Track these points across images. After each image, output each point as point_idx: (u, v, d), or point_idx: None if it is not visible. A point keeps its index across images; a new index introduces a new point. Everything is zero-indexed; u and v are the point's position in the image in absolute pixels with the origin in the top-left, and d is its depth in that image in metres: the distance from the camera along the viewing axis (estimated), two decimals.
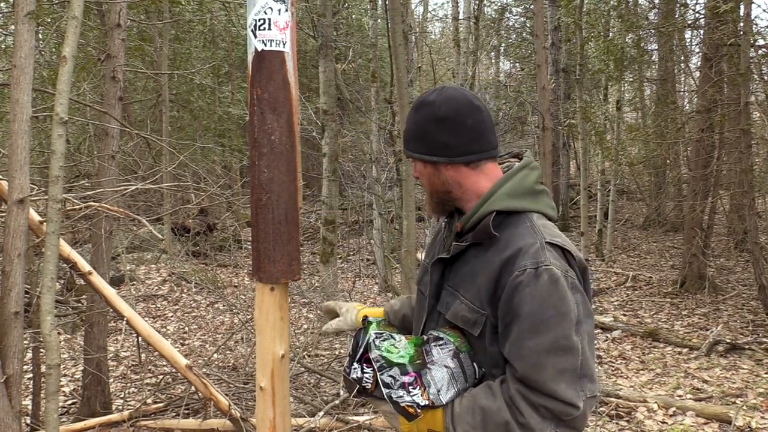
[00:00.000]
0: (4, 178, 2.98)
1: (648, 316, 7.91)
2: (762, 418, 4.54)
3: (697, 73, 10.20)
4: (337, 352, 6.15)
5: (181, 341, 7.16)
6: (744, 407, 4.70)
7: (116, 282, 8.97)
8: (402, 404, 1.42)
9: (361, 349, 1.51)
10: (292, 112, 1.87)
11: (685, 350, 6.43)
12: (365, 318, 1.60)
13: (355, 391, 1.49)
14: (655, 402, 4.83)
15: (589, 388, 1.42)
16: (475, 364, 1.50)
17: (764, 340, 6.46)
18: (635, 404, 4.80)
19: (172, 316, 8.34)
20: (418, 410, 1.43)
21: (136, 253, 11.37)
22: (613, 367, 6.10)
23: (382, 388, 1.43)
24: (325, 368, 5.39)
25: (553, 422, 1.41)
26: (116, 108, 4.36)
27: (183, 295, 9.43)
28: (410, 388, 1.42)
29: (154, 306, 8.81)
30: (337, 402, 4.36)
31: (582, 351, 1.40)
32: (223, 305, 8.55)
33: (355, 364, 1.50)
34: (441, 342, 1.49)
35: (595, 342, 6.93)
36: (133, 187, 3.85)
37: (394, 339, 1.51)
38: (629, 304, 8.65)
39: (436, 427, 1.47)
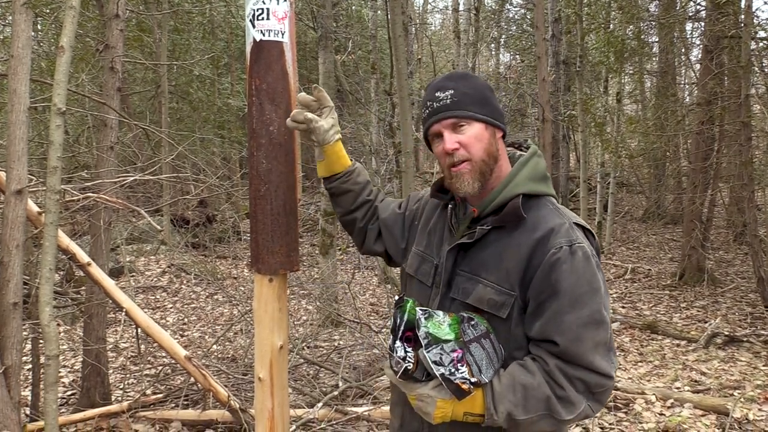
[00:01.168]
0: (2, 169, 2.97)
1: (647, 309, 7.92)
2: (759, 409, 4.55)
3: (698, 66, 10.17)
4: (336, 344, 6.16)
5: (181, 332, 7.17)
6: (742, 399, 4.71)
7: (116, 273, 8.98)
8: (455, 381, 1.38)
9: (402, 327, 1.44)
10: (290, 103, 1.86)
11: (683, 342, 6.44)
12: (402, 296, 1.54)
13: (401, 372, 1.42)
14: (653, 394, 4.84)
15: (615, 363, 1.48)
16: (501, 346, 1.50)
17: (762, 332, 6.47)
18: (633, 396, 4.81)
19: (171, 308, 8.35)
20: (471, 387, 1.40)
21: (135, 245, 11.37)
22: None
23: (432, 366, 1.38)
24: (324, 359, 5.40)
25: (585, 395, 1.44)
26: (115, 99, 4.34)
27: (182, 286, 9.43)
28: (458, 365, 1.39)
29: (153, 297, 8.81)
30: (336, 393, 4.37)
31: (610, 326, 1.47)
32: (223, 296, 8.56)
33: (398, 342, 1.44)
34: (473, 322, 1.47)
35: None
36: (132, 178, 3.84)
37: (438, 316, 1.47)
38: (628, 296, 8.66)
39: (475, 409, 1.44)
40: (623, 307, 8.04)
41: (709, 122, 8.62)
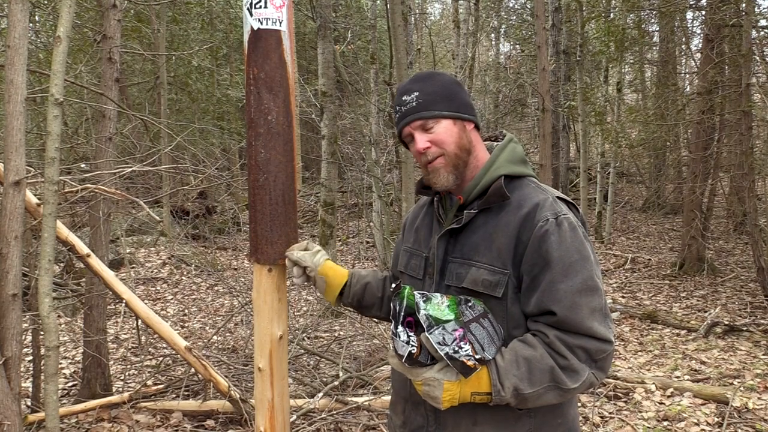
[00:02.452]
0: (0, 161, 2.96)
1: (647, 298, 7.93)
2: (759, 398, 4.56)
3: (699, 55, 10.13)
4: (336, 334, 6.17)
5: (181, 324, 7.19)
6: (741, 388, 4.72)
7: (116, 265, 8.98)
8: (460, 358, 1.39)
9: (403, 313, 1.46)
10: (289, 92, 1.85)
11: (683, 332, 6.45)
12: (398, 284, 1.54)
13: (406, 356, 1.43)
14: (653, 383, 4.85)
15: (612, 327, 1.49)
16: (499, 325, 1.52)
17: (762, 321, 6.48)
18: (633, 385, 4.82)
19: (171, 299, 8.36)
20: (476, 363, 1.41)
21: (135, 236, 11.38)
22: None
23: (436, 347, 1.38)
24: (325, 350, 5.41)
25: (587, 363, 1.45)
26: (113, 89, 4.32)
27: (183, 277, 9.44)
28: (461, 343, 1.40)
29: (153, 289, 8.82)
30: (336, 383, 4.38)
31: (603, 292, 1.49)
32: (223, 288, 8.57)
33: (400, 328, 1.45)
34: (470, 304, 1.48)
35: None
36: (131, 169, 3.83)
37: (436, 297, 1.48)
38: (628, 286, 8.67)
39: (482, 388, 1.45)
40: (623, 297, 8.05)
41: (709, 111, 8.59)
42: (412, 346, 1.43)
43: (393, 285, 1.55)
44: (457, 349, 1.39)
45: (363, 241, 11.88)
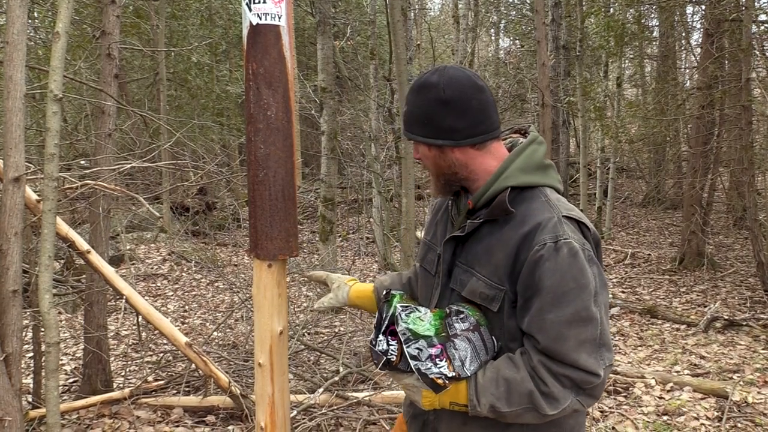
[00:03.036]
0: None
1: (646, 293, 7.93)
2: (758, 393, 4.57)
3: (698, 50, 10.11)
4: (336, 330, 6.18)
5: (182, 320, 7.19)
6: (741, 382, 4.73)
7: (116, 261, 8.98)
8: (430, 375, 1.42)
9: (386, 322, 1.50)
10: (288, 87, 1.84)
11: (683, 327, 6.46)
12: (388, 291, 1.59)
13: (381, 364, 1.48)
14: (653, 377, 4.86)
15: (608, 357, 1.45)
16: (493, 337, 1.52)
17: (762, 316, 6.49)
18: (633, 380, 4.83)
19: (172, 295, 8.37)
20: (447, 381, 1.43)
21: (135, 233, 11.38)
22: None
23: (409, 360, 1.43)
24: (325, 345, 5.42)
25: (573, 391, 1.43)
26: (112, 85, 4.32)
27: (183, 274, 9.45)
28: (437, 360, 1.42)
29: (154, 285, 8.83)
30: (336, 379, 4.38)
31: (600, 321, 1.43)
32: (223, 284, 8.58)
33: (381, 337, 1.49)
34: (462, 315, 1.49)
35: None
36: (130, 165, 3.83)
37: (420, 311, 1.51)
38: (628, 281, 8.68)
39: (459, 400, 1.48)
40: (623, 292, 8.06)
41: (709, 106, 8.59)
42: (392, 354, 1.47)
43: (385, 292, 1.59)
44: (430, 365, 1.42)
45: (363, 237, 11.89)
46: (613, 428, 4.10)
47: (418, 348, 1.43)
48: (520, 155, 1.55)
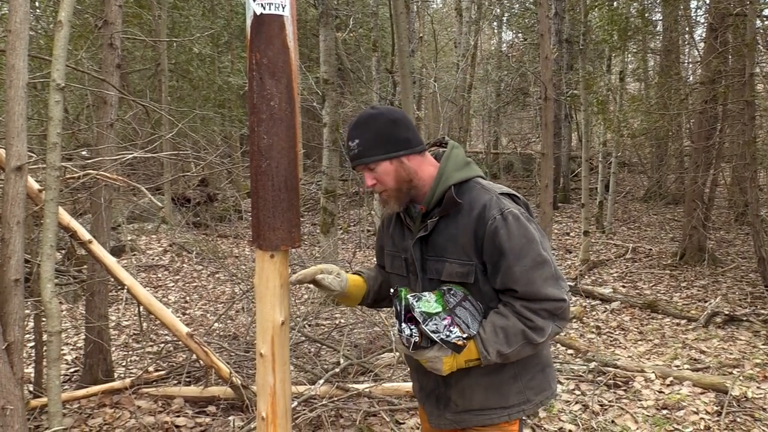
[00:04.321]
0: (1, 147, 2.95)
1: (647, 288, 7.94)
2: (758, 388, 4.58)
3: (702, 44, 10.07)
4: (337, 322, 6.19)
5: (183, 311, 7.20)
6: (740, 377, 4.74)
7: (117, 252, 8.99)
8: (451, 340, 1.77)
9: (403, 312, 1.82)
10: (291, 78, 1.84)
11: (683, 321, 6.47)
12: (396, 288, 1.89)
13: (411, 347, 1.81)
14: (653, 372, 4.87)
15: (565, 285, 1.87)
16: (478, 302, 1.89)
17: (762, 312, 6.50)
18: (633, 374, 4.84)
19: (173, 286, 8.38)
20: (464, 341, 1.79)
21: (136, 224, 11.38)
22: (611, 337, 6.15)
23: (431, 335, 1.76)
24: (326, 337, 5.43)
25: (551, 319, 1.84)
26: (114, 75, 4.31)
27: (184, 265, 9.45)
28: (451, 328, 1.78)
29: (155, 276, 8.84)
30: (337, 370, 4.39)
31: (551, 261, 1.85)
32: (224, 275, 8.58)
33: (403, 325, 1.81)
34: (452, 291, 1.85)
35: (595, 309, 6.95)
36: (132, 155, 3.82)
37: (425, 296, 1.84)
38: (628, 275, 8.68)
39: (472, 356, 1.83)
40: (624, 287, 8.06)
41: (712, 101, 8.55)
42: (415, 336, 1.80)
43: (392, 290, 1.91)
44: (448, 334, 1.78)
45: (364, 229, 11.89)
46: (613, 422, 4.11)
47: (435, 324, 1.77)
48: (449, 159, 1.94)
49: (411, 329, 1.80)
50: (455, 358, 1.82)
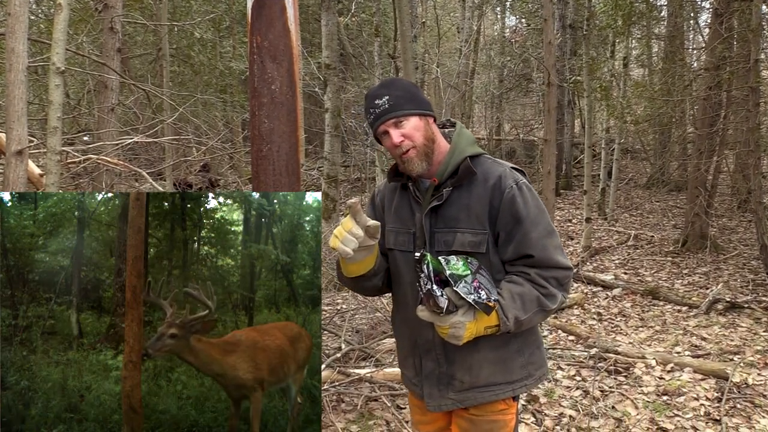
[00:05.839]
0: (1, 131, 2.94)
1: (649, 275, 7.94)
2: (759, 374, 4.59)
3: (707, 30, 10.00)
4: (338, 307, 6.20)
5: None
6: (741, 364, 4.75)
7: None
8: (482, 301, 1.78)
9: (432, 274, 1.78)
10: (292, 61, 1.83)
11: (684, 308, 6.47)
12: (422, 253, 1.82)
13: (446, 309, 1.76)
14: (654, 358, 4.87)
15: (567, 258, 1.97)
16: (488, 272, 1.91)
17: (764, 299, 6.49)
18: (634, 360, 4.85)
19: None
20: (495, 303, 1.81)
21: None
22: (612, 324, 6.15)
23: (464, 296, 1.75)
24: (327, 322, 5.44)
25: (558, 288, 1.91)
26: (115, 59, 4.29)
27: None
28: (480, 290, 1.80)
29: None
30: (338, 355, 4.41)
31: (556, 232, 1.95)
32: None
33: (434, 286, 1.77)
34: (469, 260, 1.87)
35: (597, 296, 6.96)
36: (133, 140, 3.81)
37: (452, 259, 1.85)
38: (630, 262, 8.68)
39: (492, 322, 1.84)
40: (625, 273, 8.06)
41: (716, 87, 8.50)
42: (445, 298, 1.77)
43: (417, 255, 1.83)
44: (480, 294, 1.78)
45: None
46: (613, 407, 4.12)
47: (465, 285, 1.78)
48: (461, 135, 2.01)
49: (441, 291, 1.77)
50: (476, 324, 1.82)
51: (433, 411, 2.08)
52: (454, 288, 1.76)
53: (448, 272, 1.78)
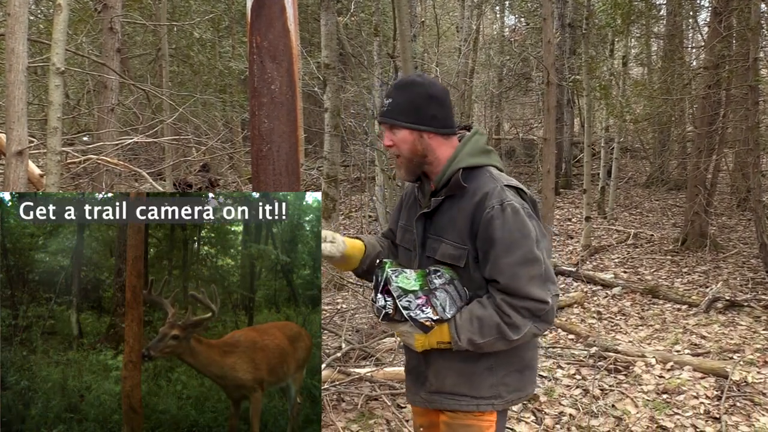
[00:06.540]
0: (2, 131, 2.95)
1: (648, 274, 7.94)
2: (758, 372, 4.60)
3: (706, 28, 10.00)
4: (339, 307, 6.21)
5: None
6: (741, 362, 4.76)
7: None
8: (419, 320, 1.81)
9: (382, 283, 1.87)
10: (292, 61, 1.83)
11: (684, 307, 6.48)
12: (380, 260, 1.96)
13: (381, 316, 1.86)
14: (653, 357, 4.88)
15: (553, 288, 1.87)
16: (465, 288, 1.91)
17: (763, 297, 6.50)
18: (633, 359, 4.86)
19: None
20: (433, 323, 1.83)
21: None
22: (612, 322, 6.16)
23: (402, 311, 1.81)
24: (327, 322, 5.45)
25: (531, 319, 1.84)
26: (114, 60, 4.30)
27: None
28: (423, 307, 1.82)
29: None
30: (339, 355, 4.41)
31: (544, 261, 1.85)
32: None
33: (379, 295, 1.87)
34: (438, 273, 1.89)
35: (596, 294, 6.95)
36: (133, 140, 3.81)
37: (406, 272, 1.90)
38: (630, 261, 8.68)
39: (444, 338, 1.87)
40: (625, 272, 8.07)
41: (715, 86, 8.51)
42: (389, 308, 1.85)
43: (378, 261, 1.96)
44: (418, 312, 1.82)
45: (366, 215, 11.88)
46: (613, 406, 4.13)
47: (408, 300, 1.82)
48: (467, 144, 1.96)
49: (386, 300, 1.85)
50: (428, 337, 1.87)
51: (412, 404, 2.17)
52: (397, 301, 1.82)
53: (393, 285, 1.85)
